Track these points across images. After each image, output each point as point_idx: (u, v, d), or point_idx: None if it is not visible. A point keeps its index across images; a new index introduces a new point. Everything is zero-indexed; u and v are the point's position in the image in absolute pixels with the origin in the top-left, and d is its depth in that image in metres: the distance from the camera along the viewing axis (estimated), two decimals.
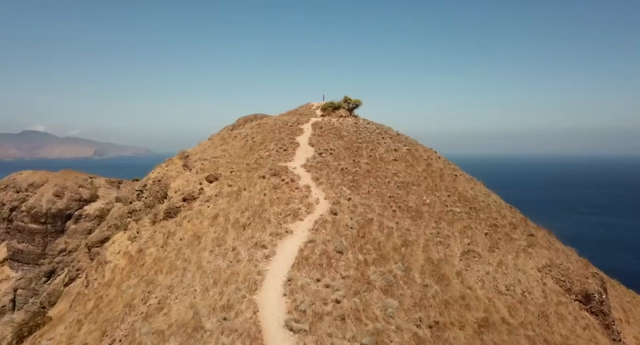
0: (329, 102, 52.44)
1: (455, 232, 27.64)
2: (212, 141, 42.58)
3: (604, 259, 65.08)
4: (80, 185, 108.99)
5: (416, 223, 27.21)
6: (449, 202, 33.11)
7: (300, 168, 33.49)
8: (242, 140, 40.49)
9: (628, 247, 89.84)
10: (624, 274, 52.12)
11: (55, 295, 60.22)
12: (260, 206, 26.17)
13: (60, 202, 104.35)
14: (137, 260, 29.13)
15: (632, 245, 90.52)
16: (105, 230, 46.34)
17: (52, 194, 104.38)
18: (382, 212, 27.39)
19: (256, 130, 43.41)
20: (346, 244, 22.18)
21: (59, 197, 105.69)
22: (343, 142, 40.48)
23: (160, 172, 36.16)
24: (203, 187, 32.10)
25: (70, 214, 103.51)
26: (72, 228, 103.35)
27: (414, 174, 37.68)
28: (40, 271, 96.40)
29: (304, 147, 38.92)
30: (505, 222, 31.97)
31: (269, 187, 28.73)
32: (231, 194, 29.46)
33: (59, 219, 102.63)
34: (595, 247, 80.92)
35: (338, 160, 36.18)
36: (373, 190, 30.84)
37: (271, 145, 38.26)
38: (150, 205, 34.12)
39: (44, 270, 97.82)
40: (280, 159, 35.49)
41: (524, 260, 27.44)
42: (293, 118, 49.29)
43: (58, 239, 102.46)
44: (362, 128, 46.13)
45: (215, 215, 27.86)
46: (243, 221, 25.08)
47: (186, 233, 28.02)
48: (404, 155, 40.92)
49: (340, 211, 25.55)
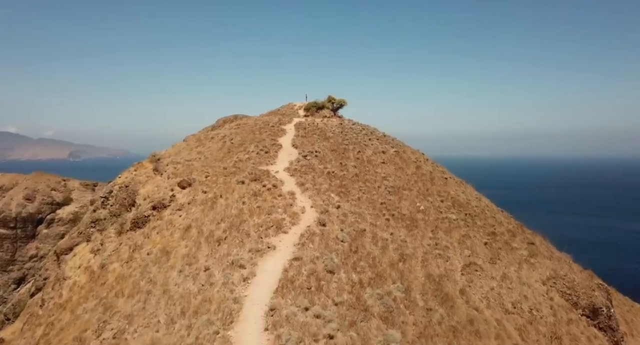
0: (312, 101, 49.10)
1: (453, 243, 24.63)
2: (187, 143, 38.68)
3: (603, 262, 63.88)
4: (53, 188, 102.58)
5: (412, 233, 24.07)
6: (443, 208, 30.16)
7: (283, 172, 30.02)
8: (220, 142, 36.74)
9: (627, 250, 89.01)
10: (621, 277, 50.31)
11: (20, 306, 55.03)
12: (238, 217, 22.58)
13: (31, 205, 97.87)
14: (98, 277, 25.16)
15: (630, 248, 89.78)
16: (76, 236, 41.88)
17: (23, 198, 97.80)
18: (375, 221, 24.16)
19: (235, 131, 39.69)
20: (337, 261, 18.82)
21: (30, 201, 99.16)
22: (329, 143, 37.16)
23: (128, 177, 32.11)
24: (175, 193, 28.28)
25: (41, 218, 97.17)
26: (44, 233, 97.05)
27: (404, 177, 34.64)
28: (9, 278, 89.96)
29: (287, 149, 35.45)
30: (503, 230, 29.18)
31: (248, 194, 25.16)
32: (206, 202, 25.76)
33: (29, 223, 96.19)
34: (592, 250, 79.58)
35: (324, 163, 32.84)
36: (363, 196, 27.60)
37: (251, 147, 34.65)
38: (116, 214, 30.09)
39: (13, 277, 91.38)
40: (261, 162, 31.93)
41: (528, 272, 24.62)
42: (275, 118, 45.74)
43: (29, 244, 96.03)
44: (348, 129, 42.92)
45: (187, 226, 24.14)
46: (218, 234, 21.45)
47: (154, 247, 24.22)
48: (392, 158, 37.88)
49: (329, 221, 22.19)
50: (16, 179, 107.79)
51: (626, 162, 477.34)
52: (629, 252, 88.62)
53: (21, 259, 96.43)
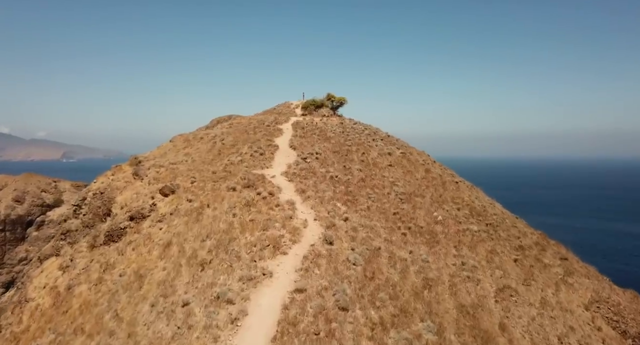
0: (311, 99, 44.69)
1: (481, 261, 20.36)
2: (174, 143, 34.15)
3: (603, 264, 59.98)
4: (43, 189, 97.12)
5: (433, 250, 19.76)
6: (461, 217, 25.92)
7: (280, 177, 25.60)
8: (210, 143, 32.22)
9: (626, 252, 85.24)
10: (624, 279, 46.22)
11: (2, 313, 50.03)
12: (227, 232, 18.13)
13: (21, 207, 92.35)
14: (62, 302, 20.61)
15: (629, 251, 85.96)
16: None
17: (12, 199, 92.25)
18: (390, 236, 19.83)
19: (227, 131, 35.18)
20: (351, 292, 14.46)
21: (19, 203, 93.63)
22: (330, 144, 32.79)
23: (104, 182, 27.51)
24: (156, 202, 23.78)
25: (31, 220, 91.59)
26: (33, 235, 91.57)
27: (413, 182, 30.37)
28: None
29: (285, 150, 31.04)
30: (530, 242, 24.98)
31: (240, 204, 20.71)
32: (190, 213, 21.30)
33: (19, 225, 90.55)
34: (593, 253, 75.63)
35: (326, 166, 28.46)
36: (373, 205, 23.26)
37: (244, 148, 30.17)
38: (89, 225, 25.50)
39: (2, 280, 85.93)
40: (256, 165, 27.48)
41: (567, 294, 20.42)
42: (270, 117, 41.28)
43: (18, 247, 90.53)
44: (350, 128, 38.58)
45: (167, 242, 19.68)
46: (202, 255, 16.99)
47: (128, 266, 19.74)
48: (399, 160, 33.59)
49: (336, 238, 17.81)
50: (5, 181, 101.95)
51: (626, 163, 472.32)
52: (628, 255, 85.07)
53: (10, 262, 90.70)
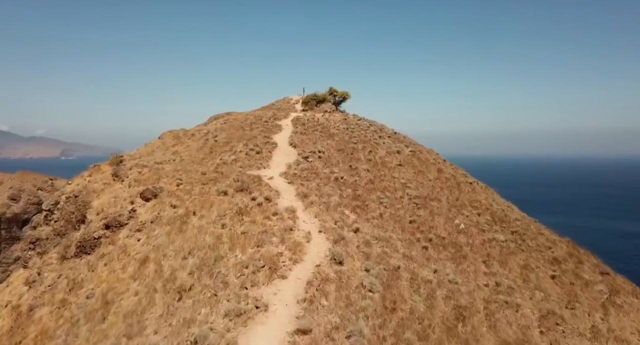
0: (312, 94, 41.03)
1: (516, 279, 16.81)
2: (163, 141, 30.50)
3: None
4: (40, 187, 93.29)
5: (461, 268, 16.19)
6: (484, 224, 22.38)
7: (279, 178, 22.01)
8: (201, 140, 28.57)
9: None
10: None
11: None
12: (213, 249, 14.53)
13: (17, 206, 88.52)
14: (20, 327, 17.03)
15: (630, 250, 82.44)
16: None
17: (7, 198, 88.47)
18: (409, 250, 16.26)
19: (221, 127, 31.53)
20: (369, 332, 10.89)
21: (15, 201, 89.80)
22: (333, 142, 29.17)
23: (79, 184, 23.87)
24: (136, 207, 20.15)
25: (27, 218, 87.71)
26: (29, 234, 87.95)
27: (427, 183, 26.81)
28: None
29: (284, 148, 27.42)
30: (562, 253, 21.45)
31: (231, 212, 17.11)
32: (174, 221, 17.70)
33: (14, 224, 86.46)
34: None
35: (330, 166, 24.87)
36: (386, 211, 19.67)
37: (239, 146, 26.53)
38: (61, 233, 21.88)
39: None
40: (252, 165, 23.86)
41: (618, 319, 16.88)
42: (269, 113, 37.62)
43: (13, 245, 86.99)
44: (354, 125, 34.98)
45: (144, 258, 16.10)
46: (182, 278, 13.41)
47: (98, 286, 16.17)
48: (409, 159, 30.02)
49: (347, 256, 14.24)
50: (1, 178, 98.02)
51: (626, 161, 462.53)
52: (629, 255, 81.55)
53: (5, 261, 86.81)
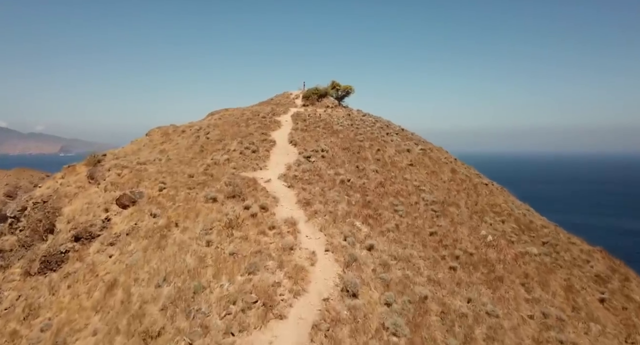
0: (313, 88, 37.74)
1: (563, 305, 13.67)
2: (151, 138, 27.26)
3: None
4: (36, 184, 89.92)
5: (499, 294, 13.04)
6: (510, 233, 19.23)
7: (277, 181, 18.82)
8: (192, 137, 25.30)
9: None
10: None
11: None
12: (194, 275, 11.36)
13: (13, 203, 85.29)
14: None
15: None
16: None
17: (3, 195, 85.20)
18: (434, 271, 13.11)
19: (214, 123, 28.24)
20: None
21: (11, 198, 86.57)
22: (338, 139, 25.94)
23: (50, 187, 20.64)
24: (111, 215, 16.95)
25: None
26: None
27: (441, 186, 23.65)
28: None
29: (283, 146, 24.20)
30: (604, 268, 18.32)
31: (219, 224, 13.93)
32: (152, 234, 14.52)
33: None
34: None
35: (334, 166, 21.67)
36: (402, 221, 16.50)
37: (233, 144, 23.29)
38: (26, 244, 18.68)
39: None
40: (246, 165, 20.65)
41: None
42: (267, 108, 34.34)
43: None
44: (359, 121, 31.75)
45: (113, 281, 12.96)
46: (152, 316, 10.25)
47: (54, 317, 13.04)
48: (420, 158, 26.83)
49: (362, 284, 11.08)
50: None
51: (626, 158, 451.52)
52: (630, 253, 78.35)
53: None
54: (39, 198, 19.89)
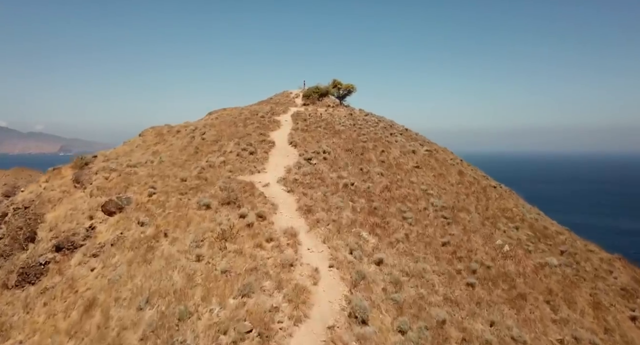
0: (313, 87, 36.21)
1: (593, 326, 12.19)
2: (144, 138, 25.76)
3: None
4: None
5: (523, 315, 11.56)
6: (526, 242, 17.75)
7: (276, 185, 17.33)
8: (187, 138, 23.77)
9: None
10: None
11: None
12: (180, 296, 9.89)
13: None
14: None
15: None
16: None
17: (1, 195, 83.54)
18: (450, 288, 11.63)
19: (211, 123, 26.73)
20: None
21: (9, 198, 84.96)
22: (340, 140, 24.44)
23: (33, 192, 19.14)
24: (95, 223, 15.47)
25: None
26: None
27: (449, 189, 22.16)
28: None
29: (283, 147, 22.70)
30: (628, 279, 16.85)
31: (212, 235, 12.45)
32: (139, 245, 13.06)
33: None
34: None
35: (337, 169, 20.19)
36: (411, 230, 15.02)
37: (230, 146, 21.78)
38: (5, 253, 17.17)
39: None
40: (244, 168, 19.15)
41: None
42: (266, 107, 32.81)
43: None
44: (361, 121, 30.24)
45: (92, 299, 11.50)
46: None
47: (26, 340, 11.55)
48: (425, 160, 25.35)
49: (372, 307, 9.61)
50: None
51: (625, 158, 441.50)
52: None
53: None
54: (21, 203, 18.39)
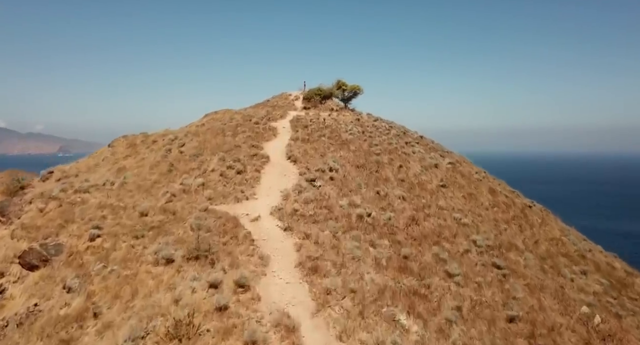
0: (315, 88, 31.11)
1: None
2: (114, 150, 20.68)
3: None
4: None
5: None
6: (602, 294, 12.87)
7: (269, 219, 12.36)
8: (162, 150, 18.67)
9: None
10: None
11: None
12: None
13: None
14: None
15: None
16: None
17: None
18: None
19: (195, 131, 21.64)
20: None
21: None
22: (349, 153, 19.42)
23: None
24: (7, 283, 10.47)
25: None
26: None
27: (485, 215, 17.21)
28: None
29: (279, 163, 17.65)
30: None
31: (164, 325, 7.44)
32: (51, 334, 8.06)
33: None
34: None
35: (348, 193, 15.19)
36: (463, 296, 10.04)
37: (213, 162, 16.73)
38: None
39: None
40: (227, 193, 14.14)
41: None
42: (261, 112, 27.71)
43: None
44: (371, 127, 25.21)
45: None
46: None
47: None
48: (451, 176, 20.38)
49: None
50: None
51: (626, 158, 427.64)
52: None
53: None
54: None
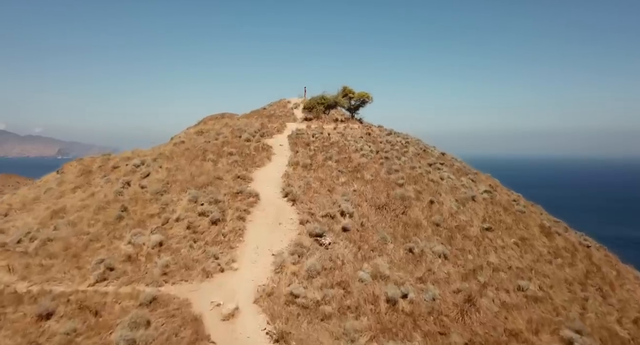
0: (318, 96, 26.04)
1: None
2: (63, 177, 15.58)
3: None
4: None
5: None
6: None
7: (252, 314, 7.38)
8: (118, 184, 13.64)
9: None
10: None
11: None
12: None
13: None
14: None
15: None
16: None
17: None
18: None
19: (169, 153, 16.58)
20: None
21: None
22: (365, 184, 14.38)
23: None
24: None
25: None
26: None
27: (553, 276, 12.23)
28: None
29: (272, 202, 12.62)
30: None
31: None
32: None
33: None
34: None
35: (369, 253, 10.20)
36: None
37: (181, 204, 11.74)
38: None
39: None
40: (192, 263, 9.14)
41: None
42: (255, 124, 22.60)
43: None
44: (384, 144, 20.20)
45: None
46: None
47: None
48: (492, 211, 15.38)
49: None
50: None
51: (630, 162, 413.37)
52: None
53: None
54: None
